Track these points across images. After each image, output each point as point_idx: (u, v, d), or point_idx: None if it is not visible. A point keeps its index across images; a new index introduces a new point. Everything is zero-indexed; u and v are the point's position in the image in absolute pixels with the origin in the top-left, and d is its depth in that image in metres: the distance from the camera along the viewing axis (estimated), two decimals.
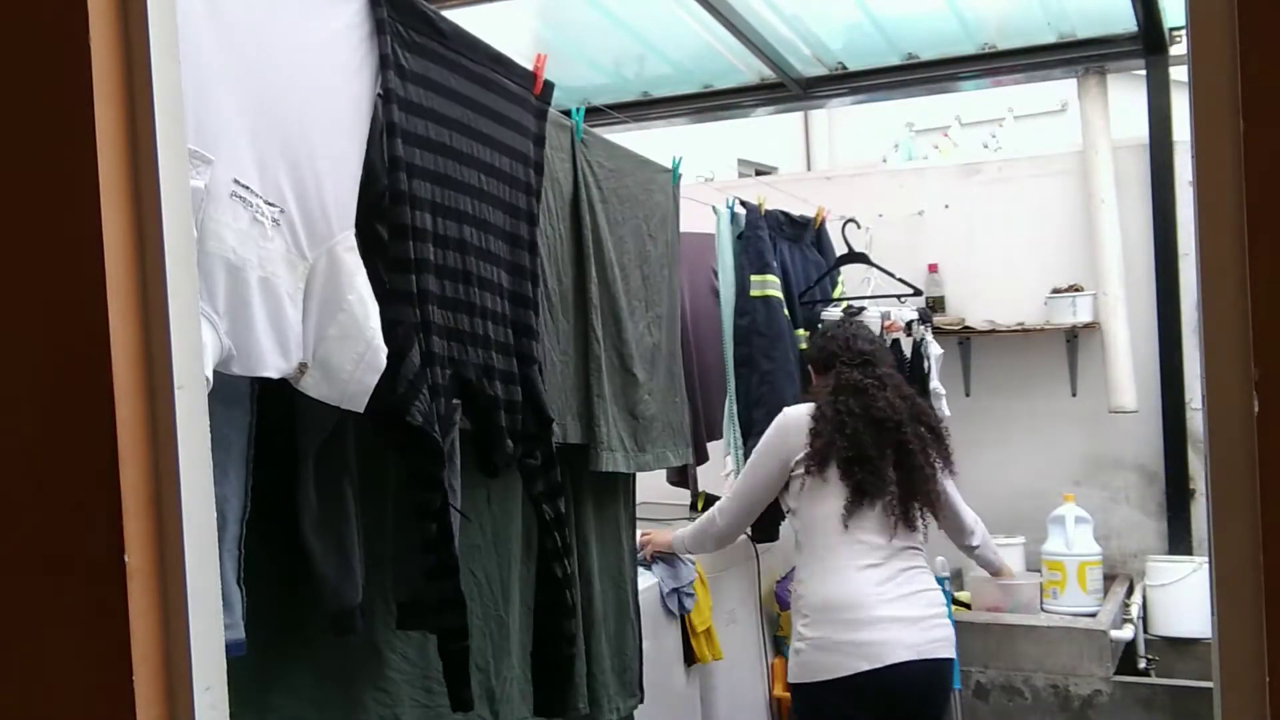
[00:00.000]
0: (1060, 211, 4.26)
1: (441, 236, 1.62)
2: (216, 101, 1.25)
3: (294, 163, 1.36)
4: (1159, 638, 3.76)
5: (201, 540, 0.91)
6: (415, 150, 1.58)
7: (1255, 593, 0.79)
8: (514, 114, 1.87)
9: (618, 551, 2.53)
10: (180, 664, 0.89)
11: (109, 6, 0.88)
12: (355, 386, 1.44)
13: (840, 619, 2.47)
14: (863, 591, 2.48)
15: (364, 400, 1.45)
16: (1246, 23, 0.78)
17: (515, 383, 1.76)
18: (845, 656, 2.44)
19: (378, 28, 1.53)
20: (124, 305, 0.88)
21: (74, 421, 0.88)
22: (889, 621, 2.45)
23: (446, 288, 1.61)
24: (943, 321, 4.21)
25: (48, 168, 0.89)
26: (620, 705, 2.46)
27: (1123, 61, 4.07)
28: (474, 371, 1.64)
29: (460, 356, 1.62)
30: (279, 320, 1.33)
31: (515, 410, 1.76)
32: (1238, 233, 0.79)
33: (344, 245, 1.43)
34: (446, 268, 1.62)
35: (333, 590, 1.54)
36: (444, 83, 1.67)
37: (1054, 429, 4.27)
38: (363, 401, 1.45)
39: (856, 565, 2.51)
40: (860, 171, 4.97)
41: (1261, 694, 0.79)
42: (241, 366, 1.28)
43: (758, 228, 3.33)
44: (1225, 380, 0.80)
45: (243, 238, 1.27)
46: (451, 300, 1.63)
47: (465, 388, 1.63)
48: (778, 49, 3.96)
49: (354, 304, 1.42)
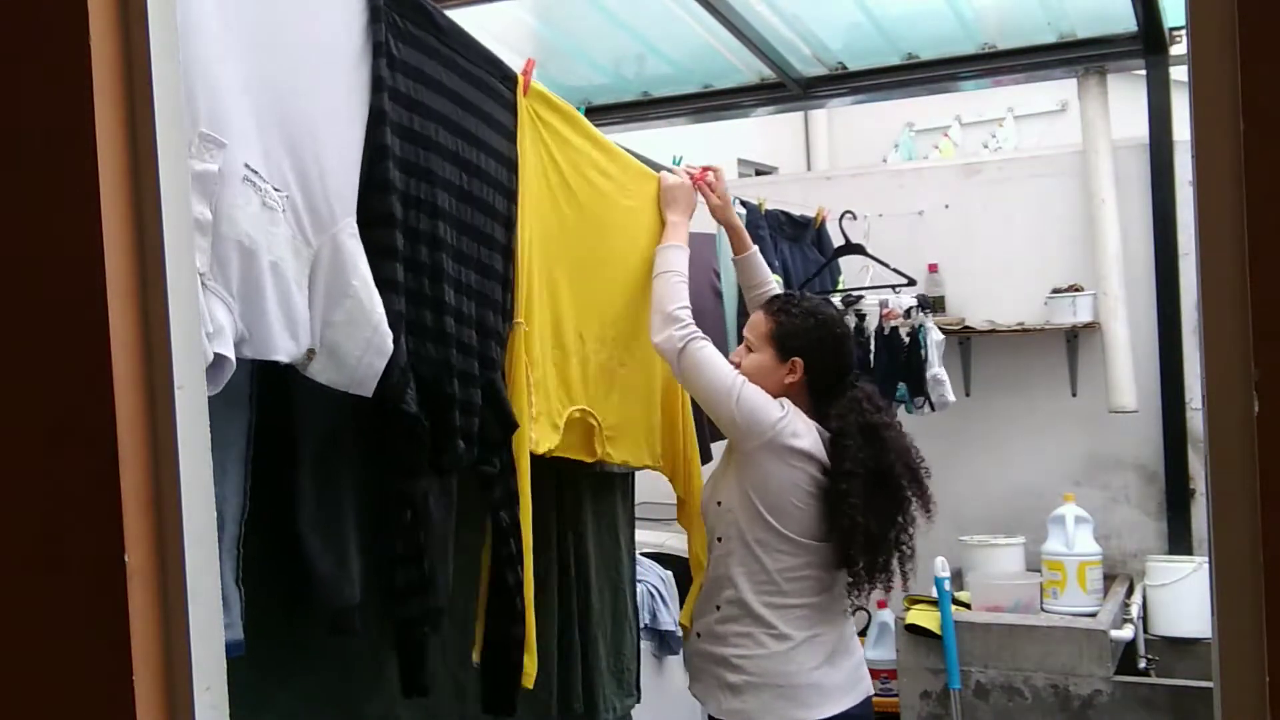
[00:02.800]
0: (1060, 211, 4.26)
1: (413, 229, 1.61)
2: (225, 86, 1.25)
3: (297, 149, 1.37)
4: (1159, 638, 3.76)
5: (201, 540, 0.91)
6: (396, 140, 1.58)
7: (1255, 593, 0.79)
8: (502, 116, 1.87)
9: (615, 551, 2.53)
10: (180, 664, 0.89)
11: (109, 6, 0.88)
12: (363, 371, 1.44)
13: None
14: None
15: (372, 385, 1.46)
16: (1246, 23, 0.78)
17: (474, 385, 1.75)
18: None
19: (373, 15, 1.54)
20: (124, 305, 0.88)
21: (74, 421, 0.88)
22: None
23: (410, 279, 1.60)
24: (943, 321, 4.21)
25: (48, 167, 0.89)
26: (617, 705, 2.45)
27: (1123, 61, 4.07)
28: (429, 367, 1.64)
29: (419, 351, 1.61)
30: (288, 304, 1.33)
31: (472, 412, 1.74)
32: (1238, 233, 0.79)
33: (347, 232, 1.43)
34: (414, 260, 1.62)
35: (330, 590, 1.54)
36: (434, 76, 1.67)
37: (1054, 429, 4.27)
38: (371, 386, 1.46)
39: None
40: (860, 171, 4.98)
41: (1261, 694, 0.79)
42: (253, 349, 1.29)
43: (758, 227, 3.33)
44: (1225, 380, 0.80)
45: (254, 222, 1.27)
46: (415, 293, 1.62)
47: (420, 384, 1.61)
48: (778, 49, 3.96)
49: (359, 289, 1.43)
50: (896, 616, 3.73)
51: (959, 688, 3.50)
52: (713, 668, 2.23)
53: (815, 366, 2.25)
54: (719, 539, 2.26)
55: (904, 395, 3.67)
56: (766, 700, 2.17)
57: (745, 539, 2.20)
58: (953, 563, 3.75)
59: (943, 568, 3.60)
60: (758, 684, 2.17)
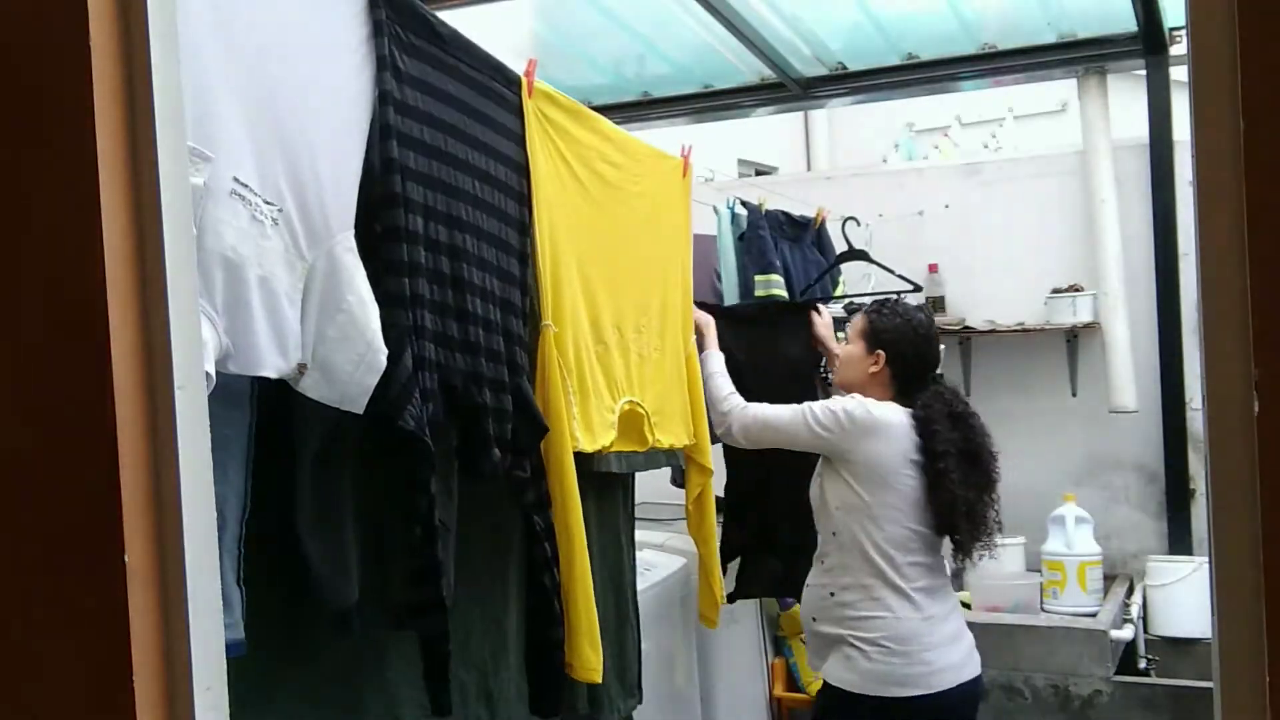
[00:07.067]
0: (1060, 211, 4.26)
1: (433, 241, 1.61)
2: (216, 99, 1.24)
3: (293, 162, 1.36)
4: (1159, 638, 3.76)
5: (201, 540, 0.91)
6: (409, 153, 1.58)
7: (1255, 593, 0.79)
8: (508, 120, 1.87)
9: (617, 553, 2.53)
10: (180, 664, 0.89)
11: (109, 6, 0.88)
12: (355, 388, 1.43)
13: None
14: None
15: (364, 401, 1.45)
16: (1246, 23, 0.78)
17: (505, 391, 1.76)
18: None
19: (375, 29, 1.53)
20: (124, 305, 0.88)
21: (74, 421, 0.88)
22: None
23: (436, 292, 1.60)
24: (943, 321, 4.21)
25: (48, 167, 0.89)
26: (620, 706, 2.46)
27: (1123, 61, 4.07)
28: (460, 378, 1.64)
29: (448, 362, 1.62)
30: (277, 320, 1.32)
31: (504, 419, 1.75)
32: (1238, 233, 0.79)
33: (343, 246, 1.42)
34: (438, 272, 1.62)
35: (329, 591, 1.54)
36: (440, 86, 1.67)
37: (1054, 429, 4.27)
38: (362, 403, 1.45)
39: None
40: (860, 171, 4.98)
41: (1261, 694, 0.79)
42: (239, 365, 1.28)
43: (759, 228, 3.33)
44: (1225, 380, 0.80)
45: (242, 235, 1.26)
46: (440, 305, 1.62)
47: (451, 394, 1.62)
48: (778, 49, 3.96)
49: (353, 305, 1.42)
50: None
51: None
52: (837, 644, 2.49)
53: (897, 359, 2.58)
54: (833, 533, 2.53)
55: None
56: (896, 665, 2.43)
57: (854, 532, 2.48)
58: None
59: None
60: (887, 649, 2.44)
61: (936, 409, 2.51)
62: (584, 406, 2.01)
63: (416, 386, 1.53)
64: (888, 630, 2.43)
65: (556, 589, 1.87)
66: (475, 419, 1.67)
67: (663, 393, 2.40)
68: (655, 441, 2.35)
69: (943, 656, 2.44)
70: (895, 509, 2.46)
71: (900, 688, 2.40)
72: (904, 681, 2.40)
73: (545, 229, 1.93)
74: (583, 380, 2.01)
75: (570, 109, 2.10)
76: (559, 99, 2.05)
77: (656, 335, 2.38)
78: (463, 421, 1.66)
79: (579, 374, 2.00)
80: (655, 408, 2.34)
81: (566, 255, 2.00)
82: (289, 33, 1.40)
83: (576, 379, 1.98)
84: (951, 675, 2.44)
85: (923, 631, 2.43)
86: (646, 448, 2.34)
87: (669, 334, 2.45)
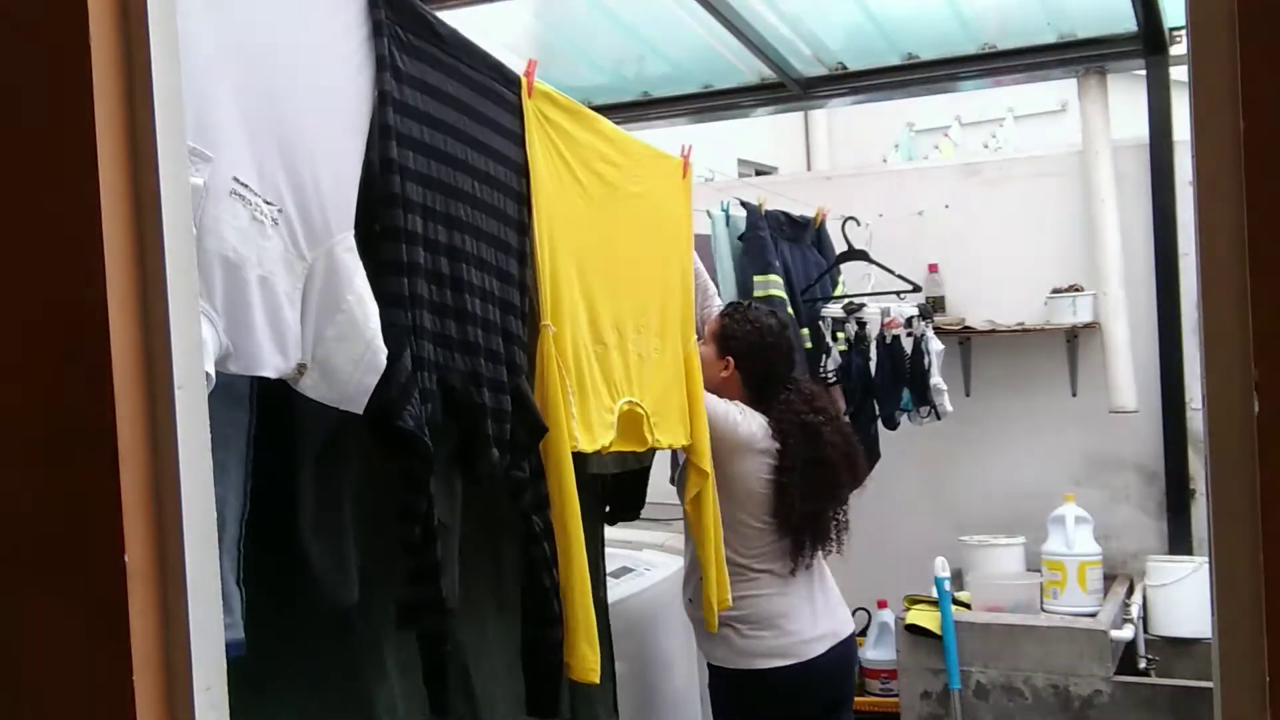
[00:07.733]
0: (1060, 211, 4.25)
1: (433, 241, 1.61)
2: (216, 99, 1.24)
3: (292, 162, 1.36)
4: (1159, 638, 3.76)
5: (201, 540, 0.91)
6: (409, 153, 1.57)
7: (1255, 593, 0.79)
8: (508, 121, 1.87)
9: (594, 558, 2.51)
10: (180, 664, 0.89)
11: (109, 6, 0.88)
12: (354, 388, 1.43)
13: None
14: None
15: (363, 401, 1.45)
16: (1246, 23, 0.78)
17: (504, 391, 1.75)
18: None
19: (375, 29, 1.53)
20: (124, 305, 0.88)
21: (74, 421, 0.88)
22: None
23: (435, 292, 1.60)
24: (943, 321, 4.21)
25: (48, 167, 0.89)
26: None
27: (1123, 61, 4.07)
28: (459, 378, 1.64)
29: (447, 363, 1.62)
30: (277, 320, 1.32)
31: (503, 419, 1.75)
32: (1238, 233, 0.79)
33: (343, 246, 1.42)
34: (437, 272, 1.62)
35: (329, 591, 1.54)
36: (440, 87, 1.67)
37: (1054, 429, 4.27)
38: (362, 403, 1.45)
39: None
40: (860, 171, 4.97)
41: (1261, 694, 0.79)
42: (239, 365, 1.28)
43: (759, 228, 3.33)
44: (1225, 380, 0.80)
45: (242, 235, 1.26)
46: (440, 305, 1.62)
47: (450, 394, 1.62)
48: (778, 49, 3.96)
49: (353, 305, 1.42)
50: (897, 617, 3.72)
51: (959, 688, 3.50)
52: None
53: (745, 366, 2.71)
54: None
55: (908, 405, 3.66)
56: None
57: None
58: (953, 563, 3.75)
59: (943, 568, 3.60)
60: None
61: (788, 421, 2.64)
62: (583, 407, 2.00)
63: (416, 386, 1.53)
64: (755, 609, 2.63)
65: (556, 589, 1.87)
66: (474, 419, 1.67)
67: (662, 393, 2.41)
68: (655, 442, 2.35)
69: (809, 628, 2.66)
70: (745, 511, 2.64)
71: (771, 659, 2.61)
72: (773, 653, 2.61)
73: (545, 229, 1.93)
74: (582, 380, 2.01)
75: (570, 109, 2.10)
76: (559, 99, 2.05)
77: (656, 335, 2.39)
78: (462, 421, 1.66)
79: (578, 374, 2.00)
80: (655, 408, 2.35)
81: (566, 255, 2.00)
82: (289, 33, 1.40)
83: (575, 379, 1.98)
84: (818, 645, 2.65)
85: (787, 608, 2.65)
86: (646, 448, 2.35)
87: (668, 334, 2.46)
